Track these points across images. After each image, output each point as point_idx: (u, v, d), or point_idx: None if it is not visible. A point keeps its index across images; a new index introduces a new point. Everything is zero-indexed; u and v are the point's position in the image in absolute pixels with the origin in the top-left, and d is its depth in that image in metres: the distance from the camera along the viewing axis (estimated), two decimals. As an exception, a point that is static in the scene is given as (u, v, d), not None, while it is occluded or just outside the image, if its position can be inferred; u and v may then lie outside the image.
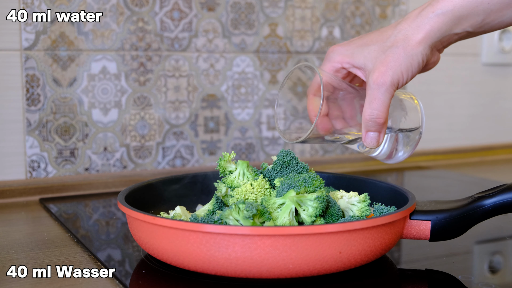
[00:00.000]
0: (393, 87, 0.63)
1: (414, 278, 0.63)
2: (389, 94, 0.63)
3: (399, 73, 0.63)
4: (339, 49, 0.68)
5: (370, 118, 0.64)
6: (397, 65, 0.63)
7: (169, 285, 0.59)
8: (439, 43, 0.65)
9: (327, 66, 0.69)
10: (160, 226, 0.58)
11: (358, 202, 0.66)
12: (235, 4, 1.10)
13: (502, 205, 0.65)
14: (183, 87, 1.07)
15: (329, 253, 0.56)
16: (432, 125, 1.35)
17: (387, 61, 0.63)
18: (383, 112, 0.63)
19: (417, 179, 1.19)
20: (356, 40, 0.68)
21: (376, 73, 0.63)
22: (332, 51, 0.69)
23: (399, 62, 0.63)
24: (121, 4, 1.01)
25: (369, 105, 0.63)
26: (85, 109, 1.00)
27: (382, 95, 0.63)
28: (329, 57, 0.69)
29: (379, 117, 0.63)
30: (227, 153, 0.72)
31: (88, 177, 1.01)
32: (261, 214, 0.60)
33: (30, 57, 0.95)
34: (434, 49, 0.65)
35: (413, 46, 0.63)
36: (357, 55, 0.66)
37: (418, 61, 0.63)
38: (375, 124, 0.64)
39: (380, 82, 0.63)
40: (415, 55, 0.63)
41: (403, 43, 0.63)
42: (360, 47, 0.67)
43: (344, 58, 0.68)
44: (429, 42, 0.63)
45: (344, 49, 0.68)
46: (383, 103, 0.63)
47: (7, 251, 0.70)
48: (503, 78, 1.43)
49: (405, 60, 0.63)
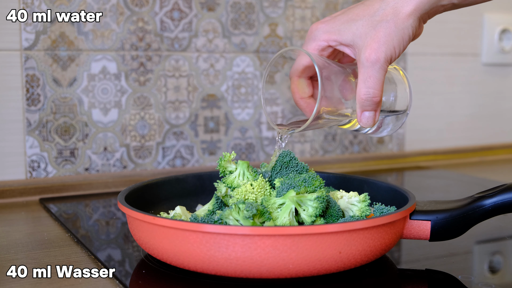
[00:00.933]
0: (387, 64, 0.61)
1: (414, 278, 0.63)
2: (384, 71, 0.61)
3: (392, 49, 0.61)
4: (323, 27, 0.65)
5: (366, 98, 0.61)
6: (389, 40, 0.61)
7: (169, 285, 0.59)
8: (426, 15, 0.63)
9: (312, 45, 0.66)
10: (160, 226, 0.58)
11: (358, 202, 0.66)
12: (235, 4, 1.10)
13: (502, 205, 0.65)
14: (183, 87, 1.07)
15: (329, 253, 0.56)
16: (432, 125, 1.35)
17: (379, 36, 0.61)
18: (379, 90, 0.61)
19: (417, 179, 1.19)
20: (341, 16, 0.65)
21: (368, 50, 0.61)
22: (316, 29, 0.66)
23: (391, 37, 0.61)
24: (121, 4, 1.01)
25: (364, 83, 0.61)
26: (85, 109, 1.00)
27: (377, 73, 0.61)
28: (314, 36, 0.66)
29: (376, 96, 0.61)
30: (227, 153, 0.72)
31: (88, 177, 1.01)
32: (261, 214, 0.60)
33: (30, 57, 0.95)
34: (421, 21, 0.63)
35: (404, 19, 0.61)
36: (344, 32, 0.63)
37: (409, 34, 0.61)
38: (372, 103, 0.62)
39: (373, 59, 0.60)
40: (406, 28, 0.61)
41: (393, 16, 0.61)
42: (346, 23, 0.64)
43: (330, 36, 0.64)
44: (418, 14, 0.61)
45: (329, 26, 0.65)
46: (378, 81, 0.61)
47: (7, 251, 0.70)
48: (503, 78, 1.43)
49: (396, 34, 0.61)
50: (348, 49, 0.64)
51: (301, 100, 0.68)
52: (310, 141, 1.20)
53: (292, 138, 1.18)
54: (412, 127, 1.32)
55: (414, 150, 1.33)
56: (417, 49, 1.30)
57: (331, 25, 0.65)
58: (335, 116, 0.66)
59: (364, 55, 0.61)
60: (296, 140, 1.18)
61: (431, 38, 1.31)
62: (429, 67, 1.32)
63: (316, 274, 0.57)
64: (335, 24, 0.64)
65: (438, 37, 1.33)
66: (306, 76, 0.69)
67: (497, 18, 1.38)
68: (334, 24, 0.65)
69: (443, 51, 1.34)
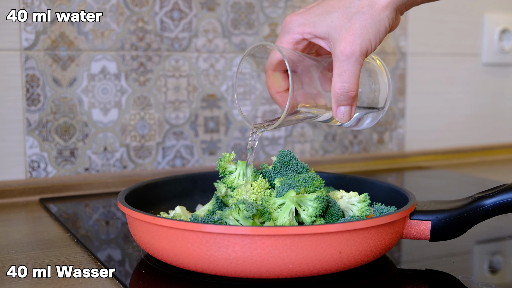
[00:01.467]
0: (363, 57, 0.59)
1: (414, 278, 0.63)
2: (359, 64, 0.59)
3: (367, 41, 0.59)
4: (297, 19, 0.63)
5: (342, 92, 0.60)
6: (365, 32, 0.59)
7: (169, 285, 0.59)
8: (402, 6, 0.61)
9: (286, 38, 0.64)
10: (160, 226, 0.58)
11: (358, 202, 0.66)
12: (235, 4, 1.10)
13: (502, 205, 0.65)
14: (183, 87, 1.07)
15: (329, 253, 0.56)
16: (432, 125, 1.35)
17: (354, 29, 0.59)
18: (354, 84, 0.59)
19: (417, 179, 1.19)
20: (315, 8, 0.63)
21: (343, 43, 0.59)
22: (290, 21, 0.64)
23: (366, 29, 0.59)
24: (121, 4, 1.01)
25: (339, 78, 0.60)
26: (85, 109, 1.00)
27: (352, 66, 0.59)
28: (288, 29, 0.64)
29: (351, 90, 0.60)
30: (227, 154, 0.72)
31: (88, 177, 1.01)
32: (261, 214, 0.60)
33: (30, 57, 0.95)
34: (398, 12, 0.62)
35: (380, 10, 0.59)
36: (319, 24, 0.62)
37: (385, 26, 0.60)
38: (347, 98, 0.60)
39: (348, 53, 0.59)
40: (382, 20, 0.59)
41: (368, 8, 0.59)
42: (321, 15, 0.62)
43: (305, 29, 0.63)
44: (394, 5, 0.60)
45: (304, 19, 0.63)
46: (353, 75, 0.59)
47: (7, 251, 0.70)
48: (503, 78, 1.43)
49: (372, 27, 0.59)
50: (323, 42, 0.63)
51: (277, 94, 0.67)
52: (310, 141, 1.20)
53: (292, 138, 1.18)
54: (412, 127, 1.32)
55: (414, 150, 1.33)
56: (417, 49, 1.30)
57: (305, 17, 0.63)
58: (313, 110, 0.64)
59: (339, 48, 0.59)
60: (296, 140, 1.18)
61: (431, 38, 1.31)
62: (429, 67, 1.32)
63: (316, 274, 0.57)
64: (310, 16, 0.63)
65: (438, 37, 1.33)
66: (281, 69, 0.67)
67: (497, 18, 1.38)
68: (308, 16, 0.63)
69: (443, 51, 1.34)
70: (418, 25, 1.29)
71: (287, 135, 1.17)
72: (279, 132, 1.16)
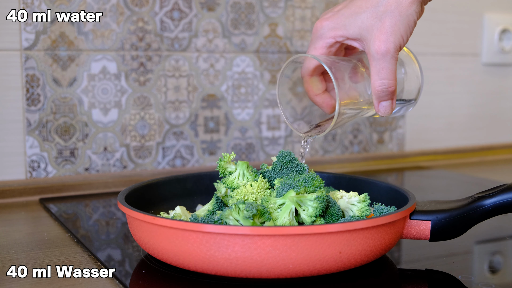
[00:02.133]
0: (397, 53, 0.62)
1: (414, 278, 0.63)
2: (395, 60, 0.62)
3: (400, 37, 0.62)
4: (328, 24, 0.66)
5: (382, 89, 0.63)
6: (396, 29, 0.62)
7: (169, 285, 0.59)
8: None
9: (320, 43, 0.67)
10: (160, 226, 0.58)
11: (358, 202, 0.66)
12: (235, 4, 1.10)
13: (502, 205, 0.65)
14: (183, 87, 1.07)
15: (329, 253, 0.56)
16: (432, 125, 1.35)
17: (385, 27, 0.62)
18: (393, 80, 0.63)
19: (417, 179, 1.19)
20: (343, 10, 0.66)
21: (377, 42, 0.62)
22: (321, 27, 0.66)
23: (397, 26, 0.62)
24: (121, 4, 1.01)
25: (378, 75, 0.63)
26: (85, 109, 1.00)
27: (388, 63, 0.62)
28: (320, 34, 0.67)
29: (390, 86, 0.63)
30: (227, 154, 0.72)
31: (88, 177, 1.01)
32: (261, 214, 0.60)
33: (30, 57, 0.96)
34: (422, 4, 0.65)
35: (407, 6, 0.62)
36: (350, 26, 0.64)
37: (414, 20, 0.63)
38: (387, 93, 0.63)
39: (383, 51, 0.62)
40: (410, 15, 0.62)
41: (396, 5, 0.62)
42: (351, 17, 0.64)
43: (337, 32, 0.65)
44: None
45: (334, 23, 0.66)
46: (391, 71, 0.62)
47: (7, 251, 0.70)
48: (503, 78, 1.43)
49: (402, 23, 0.62)
50: (356, 42, 0.66)
51: (317, 96, 0.70)
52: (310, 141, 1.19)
53: (292, 138, 1.18)
54: (412, 127, 1.32)
55: (414, 150, 1.33)
56: (417, 49, 1.30)
57: (335, 21, 0.66)
58: (355, 108, 0.67)
59: (373, 47, 0.62)
60: (296, 140, 1.18)
61: (431, 38, 1.31)
62: (429, 67, 1.32)
63: (316, 274, 0.57)
64: (340, 19, 0.65)
65: (438, 37, 1.33)
66: (317, 73, 0.70)
67: (497, 18, 1.38)
68: (338, 20, 0.65)
69: (443, 51, 1.34)
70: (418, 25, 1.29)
71: (287, 135, 1.17)
72: (279, 132, 1.16)
